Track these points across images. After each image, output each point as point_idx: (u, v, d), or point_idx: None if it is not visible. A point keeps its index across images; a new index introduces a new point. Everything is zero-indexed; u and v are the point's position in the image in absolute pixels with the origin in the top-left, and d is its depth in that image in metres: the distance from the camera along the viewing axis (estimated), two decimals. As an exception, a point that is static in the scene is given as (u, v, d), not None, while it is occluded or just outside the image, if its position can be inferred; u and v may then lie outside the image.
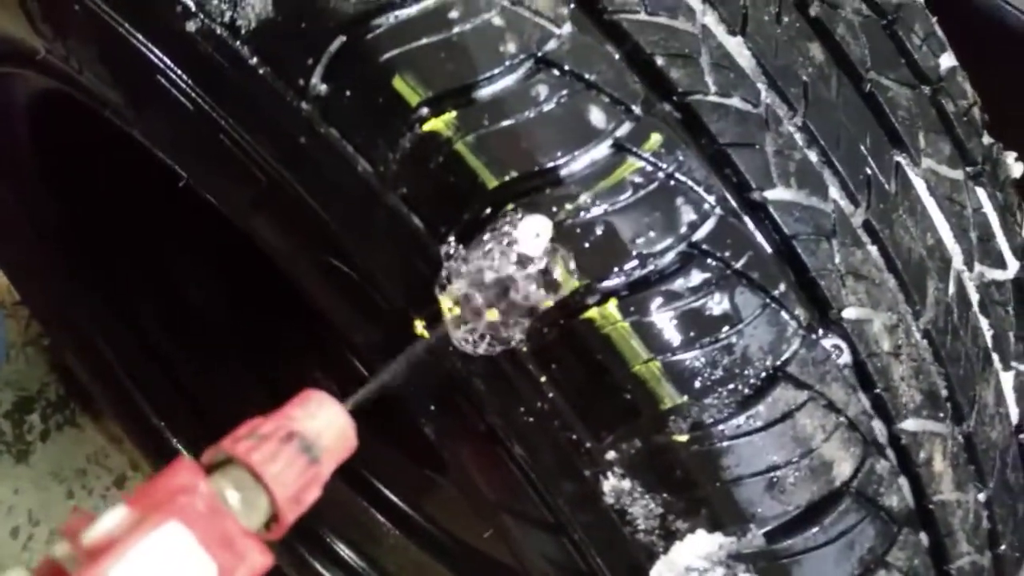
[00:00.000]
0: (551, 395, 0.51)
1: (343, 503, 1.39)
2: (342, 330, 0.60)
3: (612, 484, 0.52)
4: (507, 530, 0.62)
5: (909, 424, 0.56)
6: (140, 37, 0.54)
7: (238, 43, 0.50)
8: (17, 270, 1.33)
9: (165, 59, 0.53)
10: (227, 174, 0.56)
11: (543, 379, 0.50)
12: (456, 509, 1.30)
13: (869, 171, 0.57)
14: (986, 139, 0.70)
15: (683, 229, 0.49)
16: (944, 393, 0.59)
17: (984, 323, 0.64)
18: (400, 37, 0.48)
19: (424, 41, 0.47)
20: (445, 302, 0.50)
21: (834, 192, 0.55)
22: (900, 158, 0.60)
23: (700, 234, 0.49)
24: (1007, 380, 0.66)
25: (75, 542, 0.36)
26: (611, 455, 0.51)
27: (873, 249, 0.56)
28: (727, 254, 0.49)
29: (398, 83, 0.47)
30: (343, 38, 0.48)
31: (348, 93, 0.49)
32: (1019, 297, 0.69)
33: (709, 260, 0.49)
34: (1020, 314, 0.68)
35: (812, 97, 0.56)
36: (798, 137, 0.55)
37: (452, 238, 0.49)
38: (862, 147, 0.57)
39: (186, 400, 1.39)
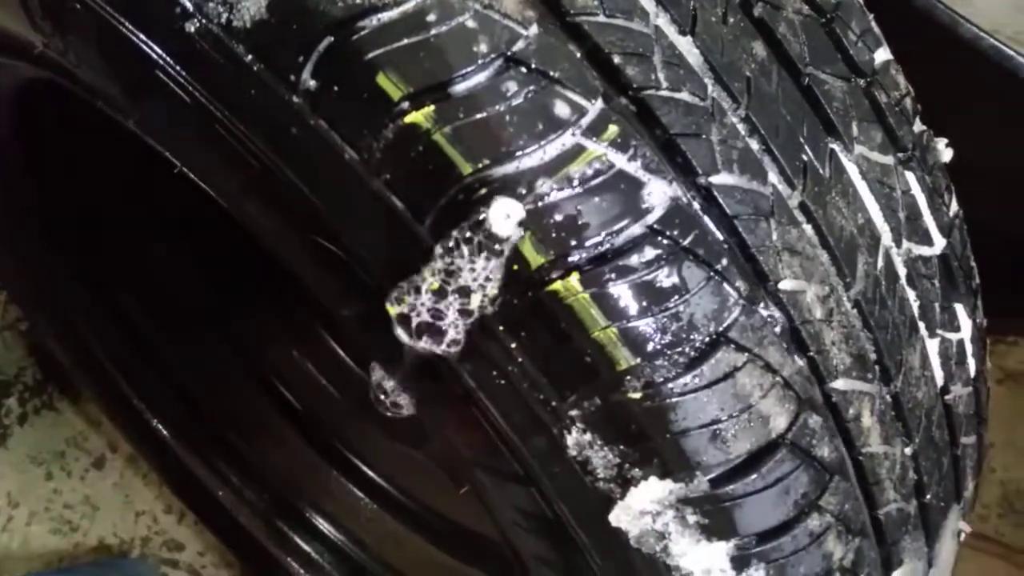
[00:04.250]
0: (520, 360, 0.56)
1: (321, 478, 1.43)
2: (327, 304, 0.65)
3: (575, 438, 0.58)
4: (482, 485, 0.68)
5: (839, 384, 0.63)
6: (141, 36, 0.58)
7: (234, 42, 0.55)
8: (-3, 252, 1.35)
9: (165, 56, 0.58)
10: (221, 162, 0.61)
11: (513, 345, 0.56)
12: (430, 481, 1.35)
13: (805, 157, 0.63)
14: (917, 127, 0.77)
15: (638, 209, 0.54)
16: (872, 357, 0.66)
17: (911, 294, 0.70)
18: (383, 38, 0.53)
19: (404, 42, 0.53)
20: (424, 277, 0.55)
21: (773, 177, 0.61)
22: (834, 145, 0.66)
23: (653, 216, 0.55)
24: (932, 346, 0.73)
25: None
26: (574, 412, 0.57)
27: (808, 228, 0.62)
28: (676, 232, 0.55)
29: (381, 79, 0.53)
30: (331, 38, 0.53)
31: (336, 88, 0.54)
32: (945, 271, 0.76)
33: (660, 238, 0.55)
34: (945, 287, 0.75)
35: (754, 91, 0.62)
36: (741, 127, 0.61)
37: (430, 219, 0.54)
38: (799, 136, 0.64)
39: (167, 381, 1.42)
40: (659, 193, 0.55)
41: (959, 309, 0.77)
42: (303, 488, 1.43)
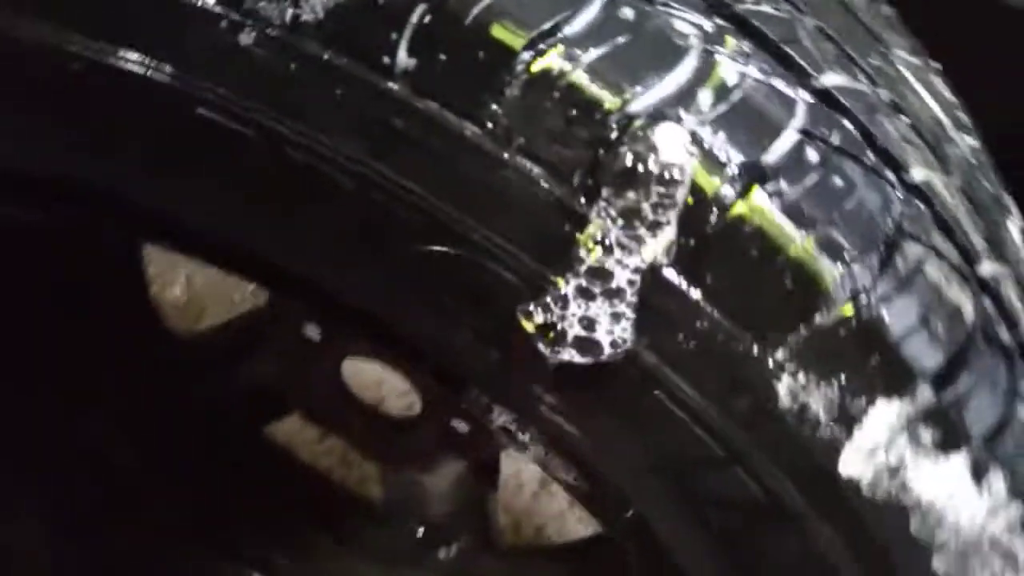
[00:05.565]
0: (709, 309, 0.50)
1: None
2: (438, 331, 0.56)
3: (786, 384, 0.51)
4: (656, 492, 0.59)
5: (986, 268, 0.60)
6: (173, 71, 0.49)
7: (305, 39, 0.47)
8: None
9: (216, 88, 0.49)
10: (297, 194, 0.52)
11: (698, 294, 0.50)
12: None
13: (874, 60, 0.63)
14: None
15: (785, 116, 0.51)
16: (990, 239, 0.64)
17: (984, 180, 0.70)
18: (482, -12, 0.47)
19: (508, -14, 0.47)
20: (587, 241, 0.48)
21: (861, 77, 0.60)
22: (883, 49, 0.66)
23: (799, 120, 0.51)
24: (1013, 228, 0.73)
25: None
26: (780, 354, 0.51)
27: (906, 120, 0.61)
28: (825, 132, 0.52)
29: (497, 31, 0.47)
30: (424, 5, 0.47)
31: (441, 58, 0.47)
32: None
33: (815, 140, 0.51)
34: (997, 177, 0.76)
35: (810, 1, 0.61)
36: (818, 34, 0.59)
37: (579, 175, 0.48)
38: (858, 40, 0.63)
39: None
40: (793, 97, 0.52)
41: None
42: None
